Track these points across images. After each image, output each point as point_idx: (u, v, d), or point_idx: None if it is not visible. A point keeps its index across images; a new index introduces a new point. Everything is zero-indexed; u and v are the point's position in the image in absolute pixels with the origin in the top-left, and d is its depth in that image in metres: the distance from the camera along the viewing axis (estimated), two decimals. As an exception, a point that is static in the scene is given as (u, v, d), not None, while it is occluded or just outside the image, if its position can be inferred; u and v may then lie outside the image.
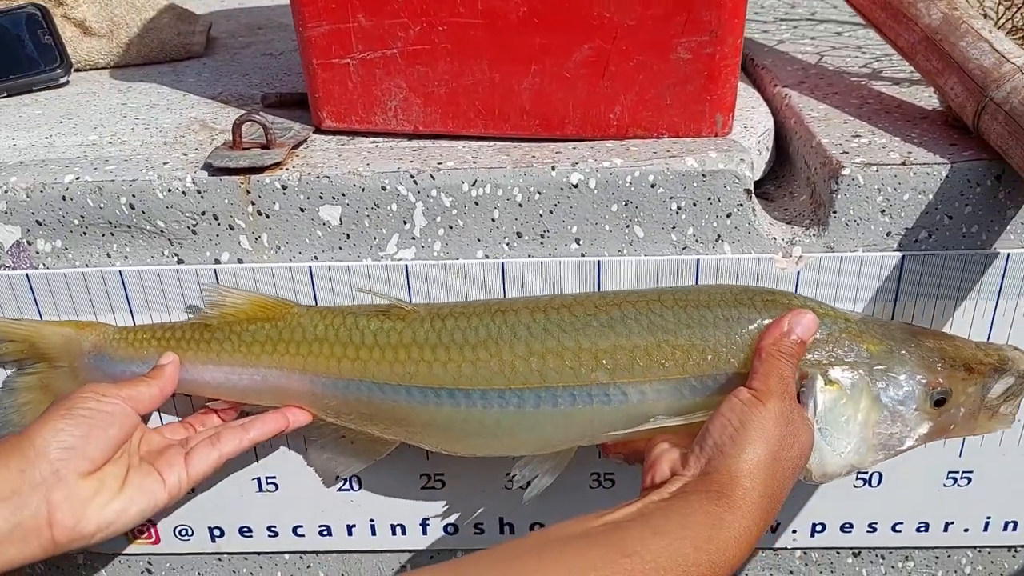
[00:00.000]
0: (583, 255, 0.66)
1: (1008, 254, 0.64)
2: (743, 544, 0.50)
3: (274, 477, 0.76)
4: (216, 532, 0.79)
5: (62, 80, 0.89)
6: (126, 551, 0.81)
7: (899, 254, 0.64)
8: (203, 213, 0.66)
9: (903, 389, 0.59)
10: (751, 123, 0.72)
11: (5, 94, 0.87)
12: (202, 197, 0.66)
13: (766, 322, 0.59)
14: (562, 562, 0.46)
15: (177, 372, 0.67)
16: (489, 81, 0.68)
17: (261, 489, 0.77)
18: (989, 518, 0.76)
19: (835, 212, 0.64)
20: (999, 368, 0.59)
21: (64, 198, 0.66)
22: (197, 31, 0.96)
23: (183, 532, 0.79)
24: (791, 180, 0.72)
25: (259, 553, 0.81)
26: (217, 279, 0.68)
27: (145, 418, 0.70)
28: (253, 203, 0.66)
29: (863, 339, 0.60)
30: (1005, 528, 0.76)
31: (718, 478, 0.52)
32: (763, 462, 0.52)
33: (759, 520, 0.51)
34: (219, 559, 0.82)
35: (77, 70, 0.93)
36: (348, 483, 0.76)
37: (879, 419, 0.59)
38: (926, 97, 0.73)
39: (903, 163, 0.62)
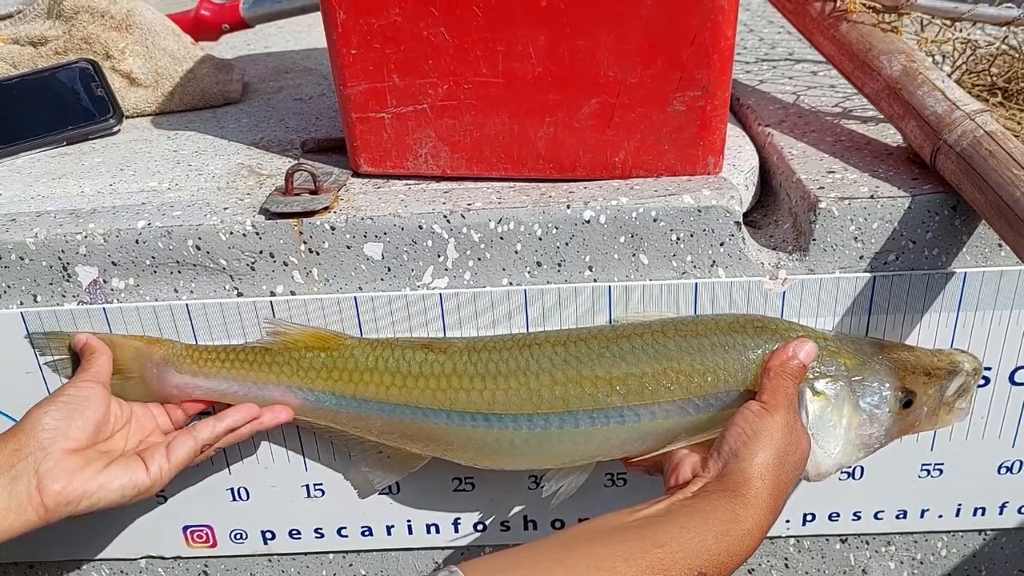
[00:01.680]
0: (595, 281, 0.76)
1: (965, 273, 0.73)
2: (755, 536, 0.60)
3: (321, 484, 0.85)
4: (268, 535, 0.88)
5: (115, 129, 0.98)
6: (184, 554, 0.90)
7: (870, 275, 0.74)
8: (261, 252, 0.75)
9: (877, 395, 0.69)
10: (739, 161, 0.81)
11: (65, 143, 0.96)
12: (260, 238, 0.75)
13: (757, 346, 0.69)
14: (604, 551, 0.55)
15: (96, 339, 0.77)
16: (509, 131, 0.77)
17: (309, 495, 0.86)
18: (960, 505, 0.85)
19: (814, 239, 0.73)
20: (952, 370, 0.69)
21: (137, 241, 0.75)
22: (234, 79, 1.05)
23: (238, 536, 0.88)
24: (775, 210, 0.81)
25: (306, 553, 0.90)
26: (273, 309, 0.77)
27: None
28: (305, 243, 0.75)
29: (840, 355, 0.69)
30: (975, 513, 0.86)
31: (734, 479, 0.61)
32: (772, 465, 0.62)
33: (768, 515, 0.61)
34: (270, 560, 0.91)
35: (126, 118, 1.02)
36: (387, 488, 0.85)
37: (859, 422, 0.69)
38: (891, 134, 0.82)
39: (872, 196, 0.72)
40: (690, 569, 0.55)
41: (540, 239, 0.74)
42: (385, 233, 0.74)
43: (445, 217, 0.74)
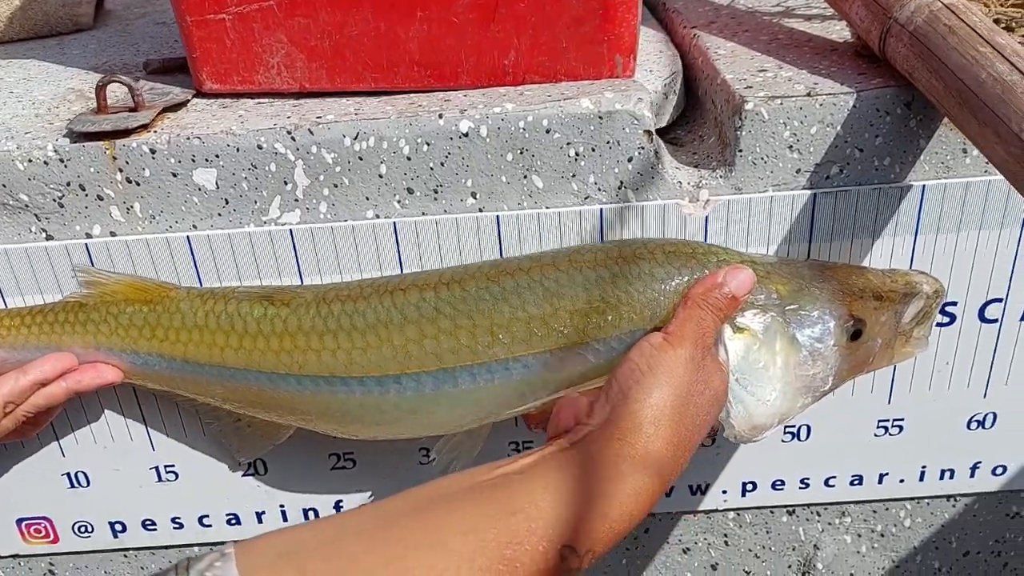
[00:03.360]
0: (481, 210, 0.62)
1: (923, 186, 0.61)
2: (643, 499, 0.47)
3: (173, 465, 0.72)
4: (117, 527, 0.75)
5: (-65, 57, 0.83)
6: (23, 552, 0.76)
7: (810, 192, 0.61)
8: (68, 184, 0.62)
9: (818, 327, 0.56)
10: (658, 67, 0.68)
11: None
12: (66, 166, 0.61)
13: (669, 276, 0.56)
14: (437, 523, 0.42)
15: None
16: (374, 31, 0.63)
17: (160, 478, 0.72)
18: (924, 467, 0.73)
19: (741, 151, 0.60)
20: (908, 293, 0.57)
21: (-84, 174, 0.61)
22: (84, 2, 0.90)
23: (82, 529, 0.75)
24: (701, 125, 0.68)
25: (166, 547, 0.76)
26: (90, 255, 0.63)
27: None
28: (121, 170, 0.61)
29: (771, 280, 0.57)
30: (942, 477, 0.74)
31: (621, 425, 0.48)
32: (669, 407, 0.49)
33: (663, 471, 0.48)
34: (124, 555, 0.77)
35: (-46, 47, 0.87)
36: (252, 467, 0.72)
37: (799, 360, 0.56)
38: (838, 30, 0.69)
39: (808, 94, 0.59)
40: (550, 542, 0.42)
41: (409, 159, 0.61)
42: (217, 156, 0.61)
43: (289, 133, 0.60)
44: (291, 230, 0.62)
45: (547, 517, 0.43)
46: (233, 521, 0.74)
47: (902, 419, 0.70)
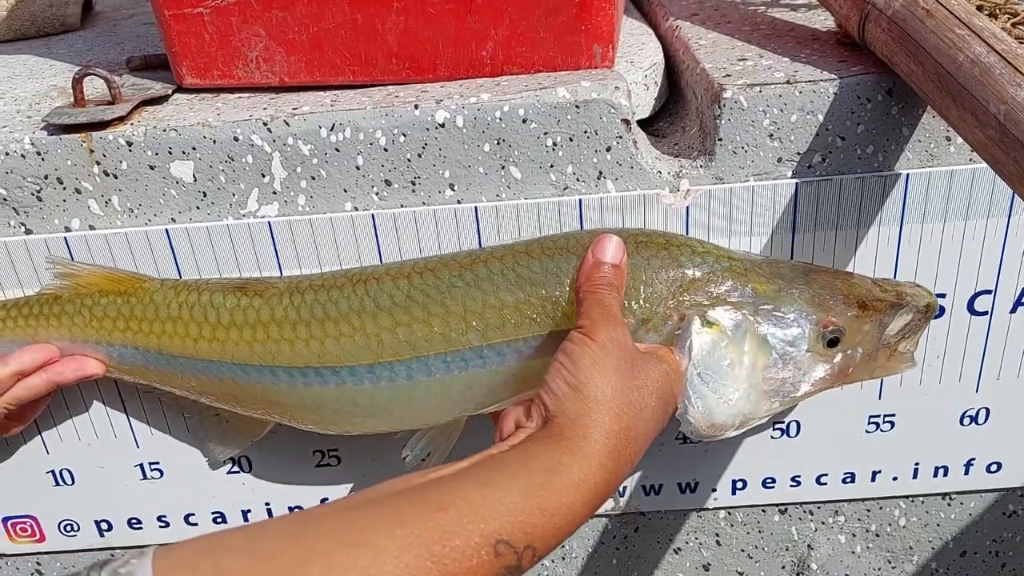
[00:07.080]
0: (459, 202, 0.62)
1: (907, 175, 0.60)
2: (585, 489, 0.45)
3: (157, 463, 0.71)
4: (103, 526, 0.74)
5: (-75, 58, 0.84)
6: (11, 552, 0.76)
7: (792, 181, 0.60)
8: (46, 177, 0.61)
9: (791, 329, 0.55)
10: (639, 58, 0.68)
11: None
12: (43, 159, 0.61)
13: (638, 265, 0.55)
14: (363, 522, 0.40)
15: None
16: (351, 23, 0.63)
17: (145, 476, 0.72)
18: (918, 464, 0.72)
19: (720, 140, 0.59)
20: (896, 304, 0.55)
21: None
22: (71, 2, 0.91)
23: (68, 528, 0.75)
24: (683, 116, 0.67)
25: (152, 545, 0.76)
26: (69, 249, 0.63)
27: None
28: (98, 163, 0.61)
29: (749, 278, 0.55)
30: (936, 474, 0.72)
31: (559, 423, 0.47)
32: (604, 397, 0.48)
33: (606, 461, 0.46)
34: (112, 555, 0.77)
35: (-54, 49, 0.88)
36: (237, 465, 0.72)
37: (768, 363, 0.55)
38: (822, 20, 0.68)
39: (788, 82, 0.58)
40: (483, 536, 0.41)
41: (386, 150, 0.60)
42: (194, 148, 0.60)
43: (265, 125, 0.60)
44: (270, 223, 0.62)
45: (479, 511, 0.41)
46: (219, 519, 0.74)
47: (893, 415, 0.69)
